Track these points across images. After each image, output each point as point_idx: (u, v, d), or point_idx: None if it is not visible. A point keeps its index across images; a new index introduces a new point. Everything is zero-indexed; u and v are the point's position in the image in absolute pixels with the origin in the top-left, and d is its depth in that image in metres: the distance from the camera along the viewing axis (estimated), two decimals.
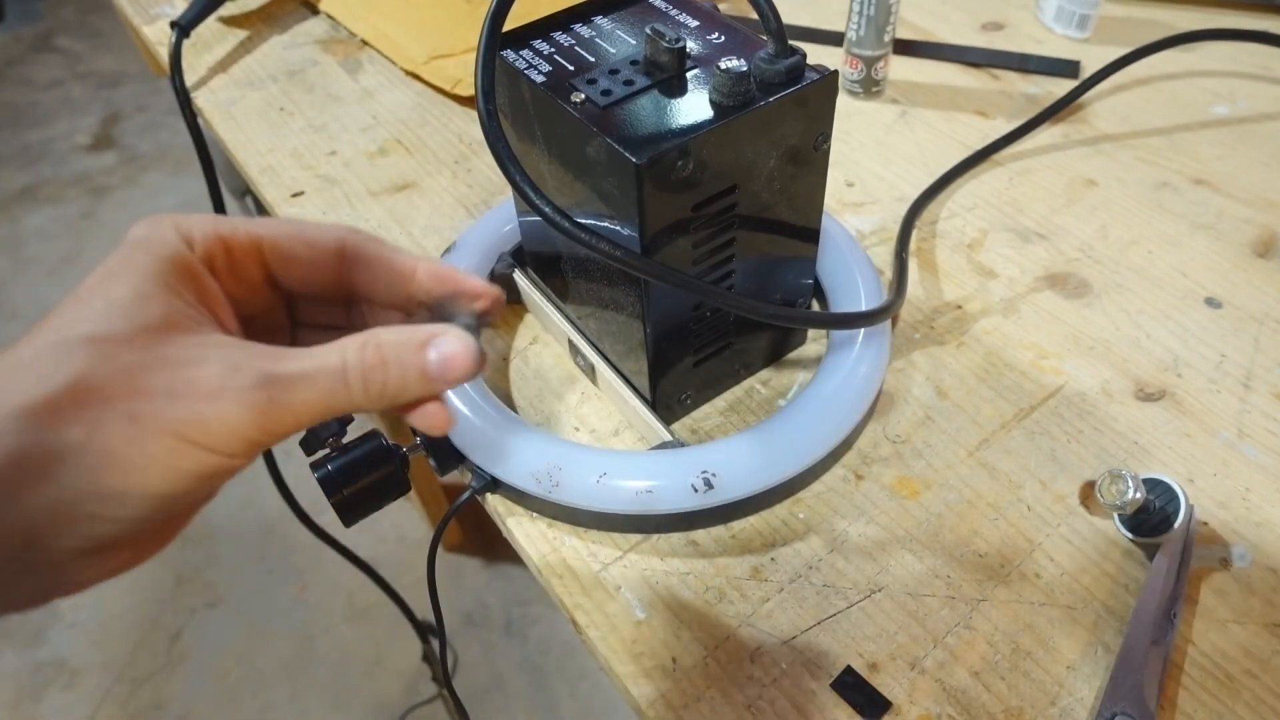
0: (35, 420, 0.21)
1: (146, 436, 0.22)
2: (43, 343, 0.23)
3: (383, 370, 0.25)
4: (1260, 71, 0.61)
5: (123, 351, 0.23)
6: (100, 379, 0.22)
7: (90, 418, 0.22)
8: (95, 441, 0.22)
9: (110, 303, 0.23)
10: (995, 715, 0.31)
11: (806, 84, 0.33)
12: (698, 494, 0.35)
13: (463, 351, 0.26)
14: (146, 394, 0.22)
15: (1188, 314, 0.45)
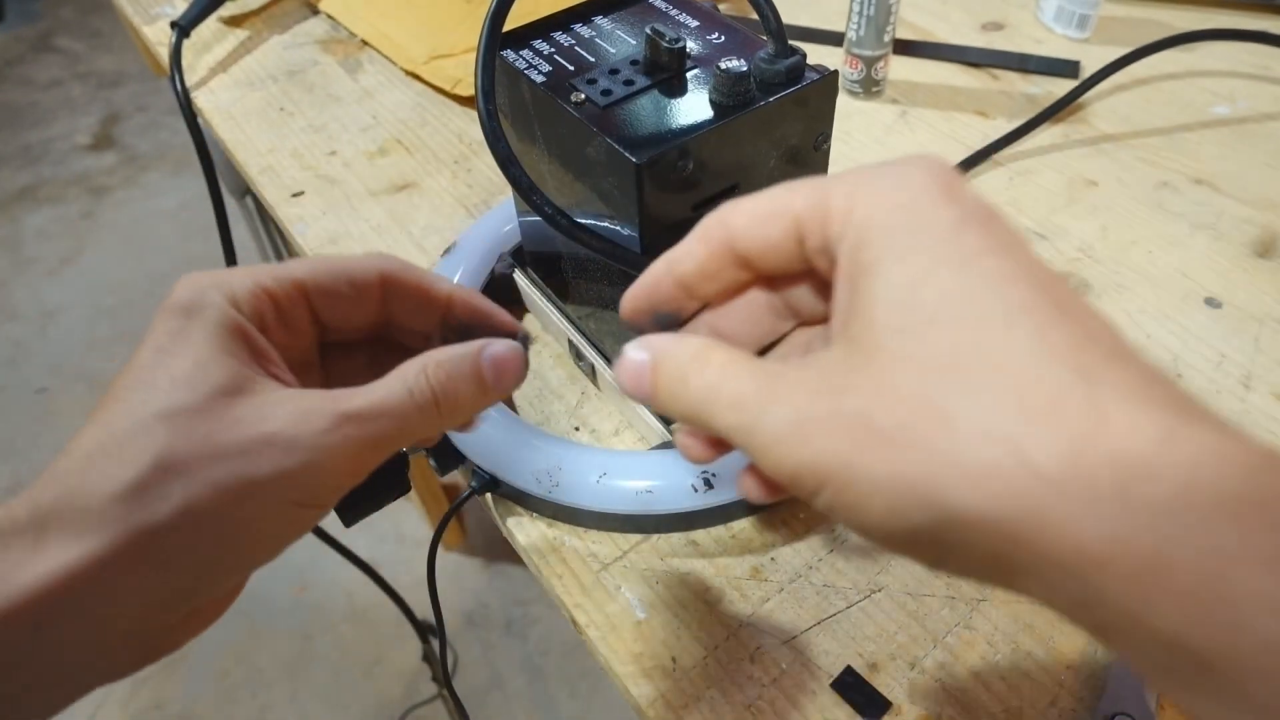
0: (129, 505, 0.21)
1: (235, 503, 0.23)
2: (118, 428, 0.22)
3: (445, 387, 0.26)
4: (1260, 71, 0.61)
5: (196, 422, 0.23)
6: (183, 452, 0.22)
7: (179, 491, 0.22)
8: (187, 514, 0.22)
9: (173, 378, 0.23)
10: (995, 715, 0.31)
11: (806, 84, 0.33)
12: (698, 494, 0.35)
13: (514, 358, 0.27)
14: (225, 457, 0.22)
15: (1188, 314, 0.45)
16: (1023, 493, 0.16)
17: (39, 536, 0.21)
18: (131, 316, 1.76)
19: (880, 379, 0.18)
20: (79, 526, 0.21)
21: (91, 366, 1.66)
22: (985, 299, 0.18)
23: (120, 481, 0.21)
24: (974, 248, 0.18)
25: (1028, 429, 0.17)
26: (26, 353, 1.70)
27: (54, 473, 0.22)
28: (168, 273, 1.84)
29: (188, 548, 0.22)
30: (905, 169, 0.20)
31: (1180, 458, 0.16)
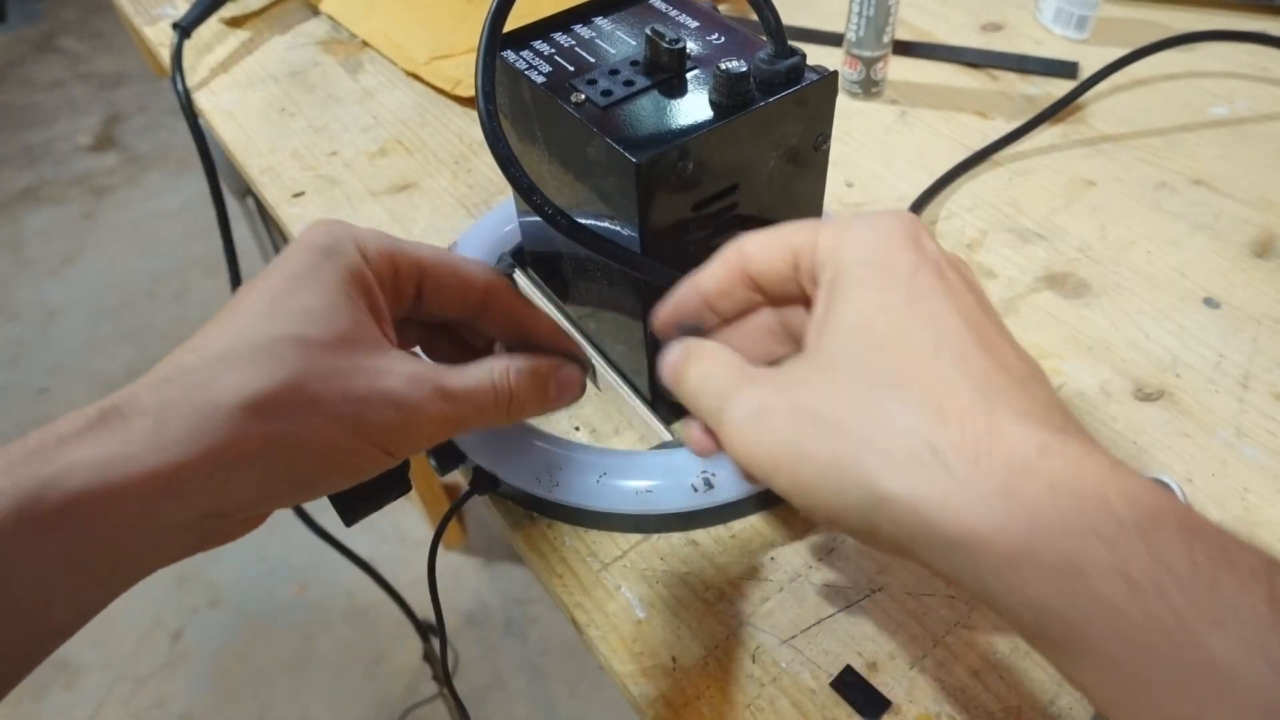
0: (253, 413, 0.24)
1: (346, 439, 0.26)
2: (251, 340, 0.25)
3: (518, 390, 0.30)
4: (1259, 72, 0.61)
5: (324, 356, 0.25)
6: (308, 380, 0.25)
7: (300, 416, 0.25)
8: (301, 437, 0.25)
9: (307, 309, 0.26)
10: (994, 714, 0.31)
11: (806, 84, 0.33)
12: (698, 494, 0.35)
13: (576, 380, 0.32)
14: (346, 399, 0.25)
15: (1186, 314, 0.45)
16: (932, 481, 0.21)
17: (161, 422, 0.23)
18: (132, 316, 1.76)
19: (833, 385, 0.23)
20: (202, 422, 0.23)
21: (92, 366, 1.67)
22: (923, 332, 0.22)
23: (250, 392, 0.24)
24: (923, 289, 0.23)
25: (941, 431, 0.21)
26: (28, 353, 1.70)
27: (180, 366, 0.25)
28: (169, 273, 1.84)
29: (293, 464, 0.25)
30: (883, 220, 0.25)
31: (1052, 465, 0.20)
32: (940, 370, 0.22)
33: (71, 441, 0.23)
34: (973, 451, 0.20)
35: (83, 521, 0.22)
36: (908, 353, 0.22)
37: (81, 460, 0.22)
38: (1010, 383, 0.22)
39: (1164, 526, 0.19)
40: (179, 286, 1.81)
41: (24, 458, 0.22)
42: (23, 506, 0.21)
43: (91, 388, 1.63)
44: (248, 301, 0.26)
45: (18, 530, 0.21)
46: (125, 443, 0.23)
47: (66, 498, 0.22)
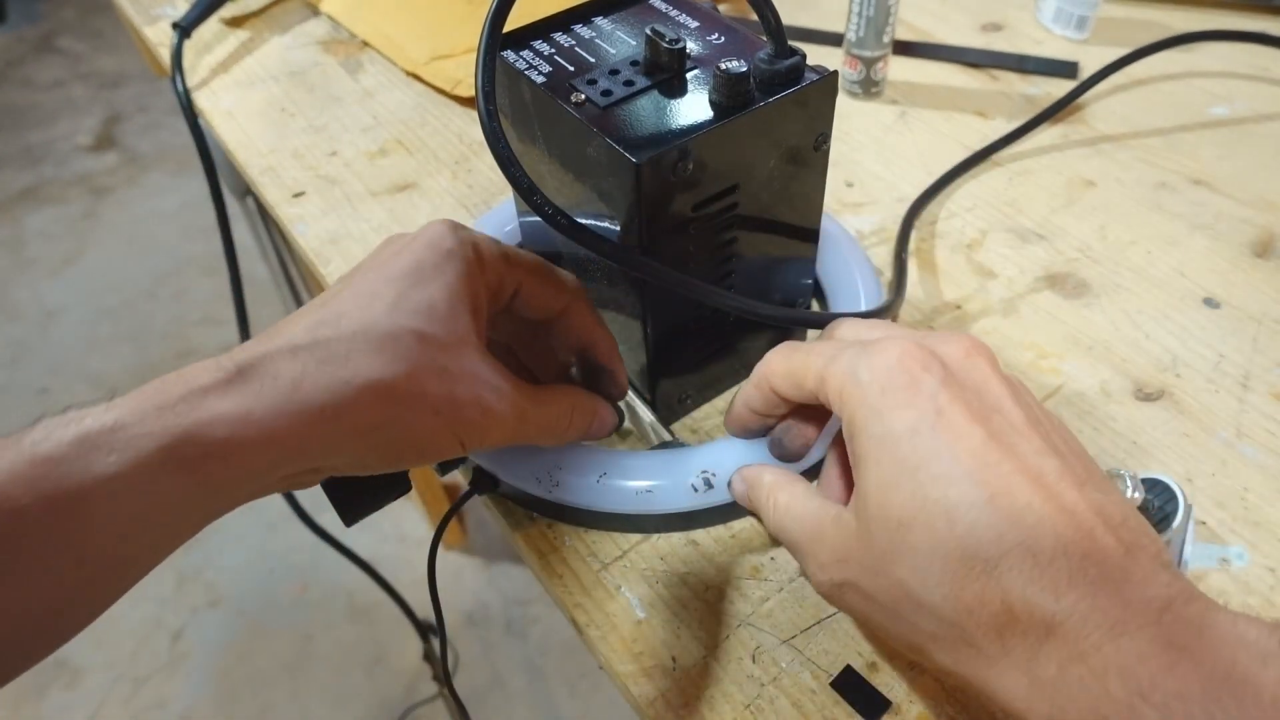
0: (376, 396, 0.27)
1: (440, 431, 0.29)
2: (383, 328, 0.28)
3: (574, 426, 0.34)
4: (1259, 72, 0.61)
5: (439, 355, 0.28)
6: (423, 375, 0.28)
7: (412, 405, 0.28)
8: (407, 422, 0.28)
9: (431, 306, 0.29)
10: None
11: (806, 84, 0.33)
12: (698, 494, 0.35)
13: (610, 423, 0.36)
14: (449, 399, 0.29)
15: (1186, 314, 0.45)
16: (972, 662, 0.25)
17: (296, 388, 0.26)
18: (132, 316, 1.76)
19: (880, 571, 0.26)
20: (333, 396, 0.26)
21: (92, 367, 1.67)
22: (935, 509, 0.24)
23: (377, 377, 0.27)
24: (925, 454, 0.25)
25: (966, 617, 0.24)
26: (28, 353, 1.70)
27: (316, 338, 0.27)
28: (169, 272, 1.84)
29: (392, 443, 0.28)
30: (881, 362, 0.27)
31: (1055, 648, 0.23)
32: (954, 549, 0.24)
33: (213, 394, 0.25)
34: (995, 630, 0.23)
35: (217, 468, 0.25)
36: (924, 531, 0.25)
37: (222, 413, 0.25)
38: (1018, 540, 0.23)
39: (1151, 698, 0.21)
40: (178, 286, 1.81)
41: (172, 404, 0.25)
42: (171, 446, 0.24)
43: (91, 388, 1.63)
44: (377, 284, 0.29)
45: (162, 470, 0.24)
46: (260, 401, 0.25)
47: (208, 446, 0.24)
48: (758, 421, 0.34)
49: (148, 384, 0.26)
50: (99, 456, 0.23)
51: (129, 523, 0.24)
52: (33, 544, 0.22)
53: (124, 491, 0.23)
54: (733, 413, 0.35)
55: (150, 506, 0.24)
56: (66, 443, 0.23)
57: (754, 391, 0.33)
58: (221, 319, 1.74)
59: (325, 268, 0.50)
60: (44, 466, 0.23)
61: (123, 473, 0.23)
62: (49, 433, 0.23)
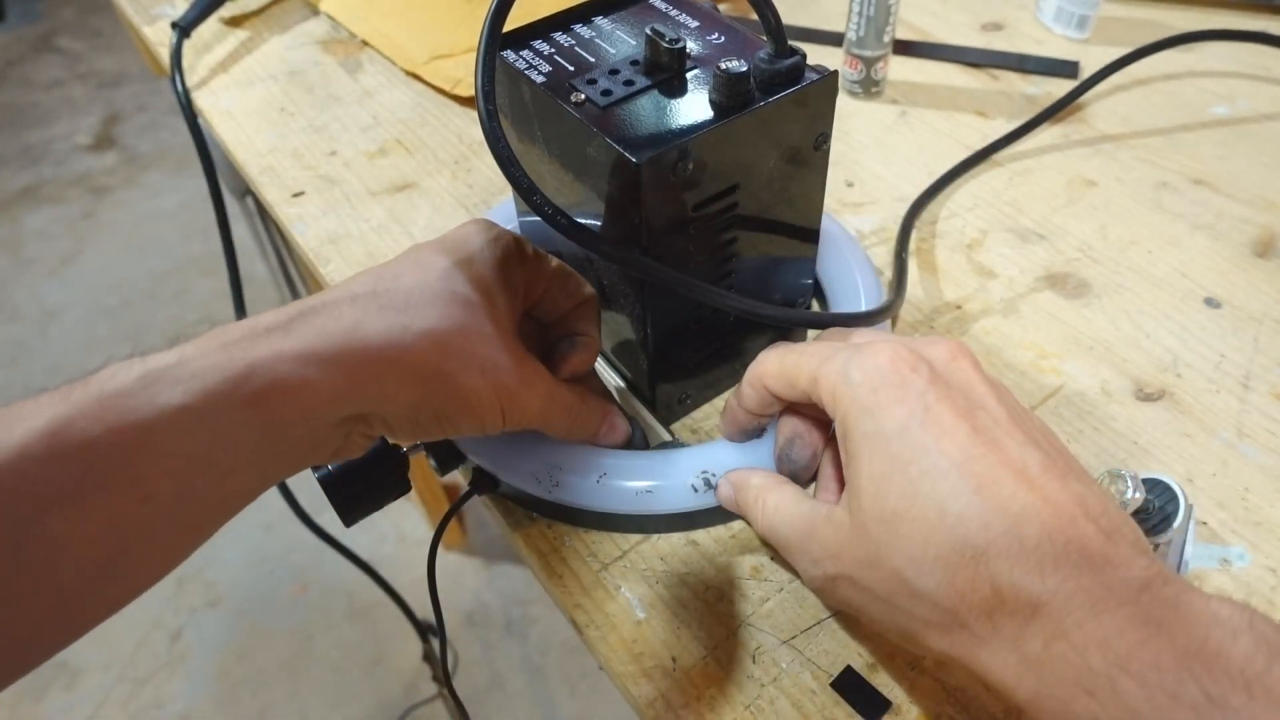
0: (432, 343, 0.28)
1: (485, 393, 0.30)
2: (438, 288, 0.30)
3: (584, 419, 0.35)
4: (1260, 72, 0.61)
5: (486, 322, 0.30)
6: (473, 335, 0.30)
7: (462, 359, 0.29)
8: (458, 378, 0.29)
9: (480, 278, 0.31)
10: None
11: (806, 84, 0.33)
12: (698, 494, 0.35)
13: (622, 431, 0.37)
14: (493, 362, 0.30)
15: (1187, 314, 0.45)
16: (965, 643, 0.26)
17: (356, 329, 0.27)
18: (132, 316, 1.76)
19: (876, 563, 0.27)
20: (393, 339, 0.28)
21: (92, 366, 1.66)
22: (925, 501, 0.26)
23: (435, 326, 0.29)
24: (915, 449, 0.26)
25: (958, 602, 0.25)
26: (27, 353, 1.70)
27: (376, 289, 0.29)
28: (168, 272, 1.84)
29: (445, 397, 0.29)
30: (871, 363, 0.28)
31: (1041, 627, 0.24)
32: (945, 539, 0.25)
33: (276, 333, 0.26)
34: (985, 612, 0.25)
35: (278, 403, 0.25)
36: (917, 523, 0.26)
37: (284, 350, 0.26)
38: (1005, 528, 0.25)
39: (1129, 668, 0.22)
40: (178, 286, 1.81)
41: (236, 341, 0.26)
42: (236, 378, 0.25)
43: None
44: (432, 257, 0.31)
45: (225, 403, 0.25)
46: (322, 338, 0.26)
47: (271, 380, 0.25)
48: (752, 421, 0.35)
49: (213, 330, 0.26)
50: (164, 389, 0.24)
51: (193, 458, 0.24)
52: (99, 476, 0.23)
53: (188, 424, 0.24)
54: (727, 412, 0.36)
55: (214, 441, 0.25)
56: (132, 380, 0.24)
57: (748, 390, 0.33)
58: (221, 319, 1.73)
59: (325, 267, 0.50)
60: (111, 400, 0.23)
61: (188, 405, 0.24)
62: (115, 373, 0.24)
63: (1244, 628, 0.22)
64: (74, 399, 0.23)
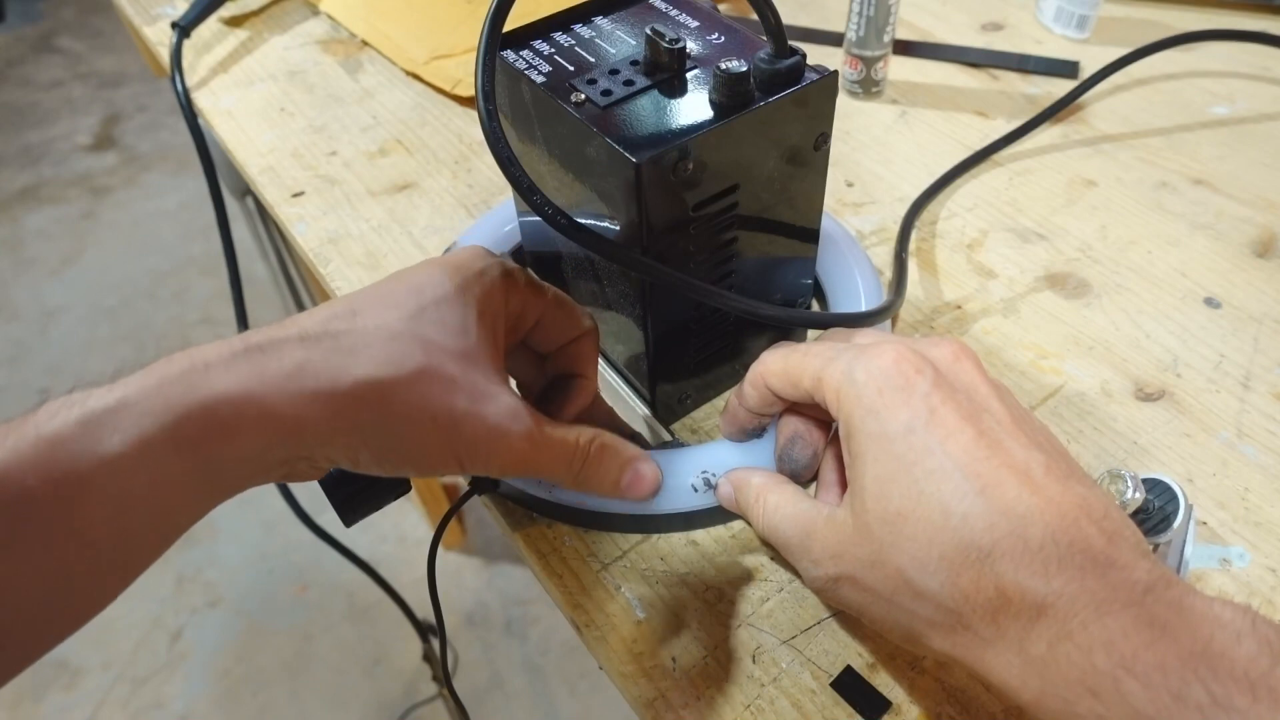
0: (375, 391, 0.27)
1: (434, 443, 0.28)
2: (396, 330, 0.28)
3: (594, 466, 0.32)
4: (1260, 71, 0.61)
5: (446, 364, 0.28)
6: (426, 383, 0.28)
7: (409, 410, 0.28)
8: (402, 429, 0.28)
9: (445, 321, 0.29)
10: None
11: (806, 84, 0.33)
12: (698, 494, 0.35)
13: (651, 480, 0.34)
14: (449, 411, 0.28)
15: (1187, 314, 0.45)
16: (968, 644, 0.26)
17: (300, 373, 0.26)
18: (132, 316, 1.76)
19: (879, 563, 0.27)
20: (333, 385, 0.26)
21: (92, 366, 1.67)
22: (930, 503, 0.26)
23: (380, 374, 0.27)
24: (919, 450, 0.26)
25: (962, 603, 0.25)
26: (27, 353, 1.70)
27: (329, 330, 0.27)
28: (168, 272, 1.84)
29: (385, 446, 0.28)
30: (875, 365, 0.28)
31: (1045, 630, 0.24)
32: (949, 539, 0.25)
33: (216, 369, 0.25)
34: (989, 613, 0.25)
35: (217, 446, 0.25)
36: (921, 524, 0.26)
37: (224, 391, 0.25)
38: (1009, 529, 0.25)
39: (1134, 669, 0.22)
40: (178, 286, 1.81)
41: (176, 378, 0.25)
42: (173, 424, 0.24)
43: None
44: (399, 293, 0.29)
45: (164, 448, 0.24)
46: (262, 380, 0.26)
47: (208, 424, 0.25)
48: (753, 420, 0.35)
49: (159, 360, 0.26)
50: (103, 435, 0.23)
51: (132, 503, 0.24)
52: (36, 526, 0.23)
53: (127, 470, 0.24)
54: (727, 412, 0.36)
55: (153, 486, 0.24)
56: (71, 423, 0.23)
57: (750, 390, 0.33)
58: (221, 319, 1.73)
59: (325, 267, 0.50)
60: (49, 447, 0.23)
61: (125, 452, 0.23)
62: (54, 413, 0.24)
63: (1247, 630, 0.22)
64: (10, 444, 0.23)
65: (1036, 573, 0.24)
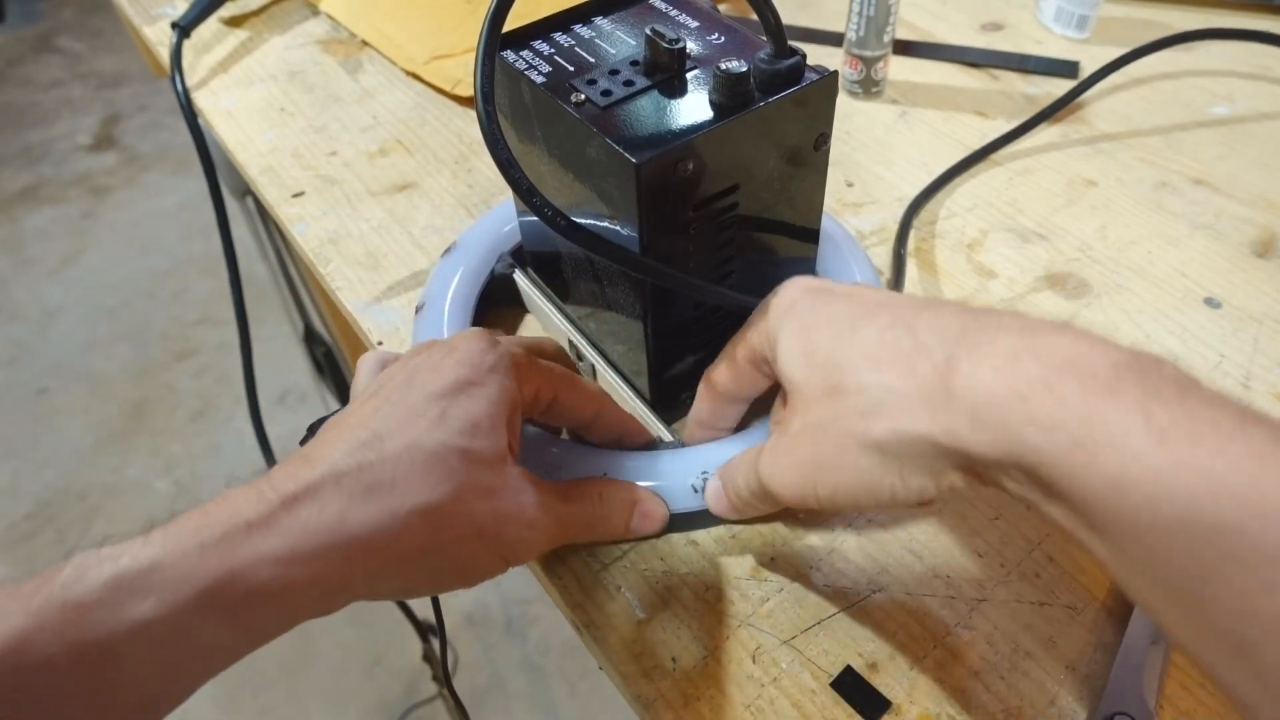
0: (422, 520, 0.27)
1: (483, 551, 0.29)
2: (427, 448, 0.28)
3: (609, 512, 0.34)
4: (1260, 71, 0.61)
5: (483, 473, 0.29)
6: (468, 495, 0.28)
7: (457, 527, 0.28)
8: (454, 547, 0.28)
9: (474, 422, 0.29)
10: (995, 715, 0.31)
11: (806, 84, 0.33)
12: (698, 494, 0.35)
13: (659, 516, 0.35)
14: (495, 517, 0.29)
15: (1187, 314, 0.45)
16: (900, 407, 0.25)
17: (342, 519, 0.26)
18: (132, 316, 1.76)
19: (809, 405, 0.29)
20: (380, 524, 0.26)
21: (92, 366, 1.67)
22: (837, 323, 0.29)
23: (424, 502, 0.27)
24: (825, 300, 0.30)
25: (889, 375, 0.26)
26: (27, 353, 1.70)
27: (361, 462, 0.27)
28: (168, 273, 1.84)
29: (439, 568, 0.29)
30: (781, 291, 0.32)
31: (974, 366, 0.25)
32: (863, 337, 0.27)
33: (257, 531, 0.24)
34: (909, 368, 0.26)
35: (258, 612, 0.24)
36: (836, 345, 0.28)
37: (266, 553, 0.24)
38: (918, 309, 0.27)
39: (1067, 373, 0.23)
40: (178, 286, 1.81)
41: (214, 542, 0.24)
42: (210, 592, 0.23)
43: (90, 388, 1.63)
44: (419, 400, 0.29)
45: (201, 616, 0.23)
46: (305, 537, 0.25)
47: (250, 590, 0.24)
48: (708, 426, 0.37)
49: (189, 514, 0.25)
50: (133, 603, 0.23)
51: (161, 668, 0.23)
52: (59, 698, 0.22)
53: (158, 638, 0.23)
54: (691, 425, 0.38)
55: (185, 651, 0.24)
56: (99, 586, 0.22)
57: (703, 403, 0.36)
58: (221, 319, 1.73)
59: (325, 267, 0.50)
60: (75, 613, 0.22)
61: (158, 619, 0.23)
62: (82, 573, 0.23)
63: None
64: (36, 605, 0.22)
65: (956, 330, 0.26)
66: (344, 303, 0.48)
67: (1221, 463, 0.20)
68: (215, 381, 1.63)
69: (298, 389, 1.58)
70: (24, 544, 1.40)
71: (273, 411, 1.53)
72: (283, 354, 1.53)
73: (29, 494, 1.46)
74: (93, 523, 1.42)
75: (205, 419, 1.57)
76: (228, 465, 1.49)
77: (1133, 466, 0.21)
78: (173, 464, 1.50)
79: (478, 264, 0.45)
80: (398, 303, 0.48)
